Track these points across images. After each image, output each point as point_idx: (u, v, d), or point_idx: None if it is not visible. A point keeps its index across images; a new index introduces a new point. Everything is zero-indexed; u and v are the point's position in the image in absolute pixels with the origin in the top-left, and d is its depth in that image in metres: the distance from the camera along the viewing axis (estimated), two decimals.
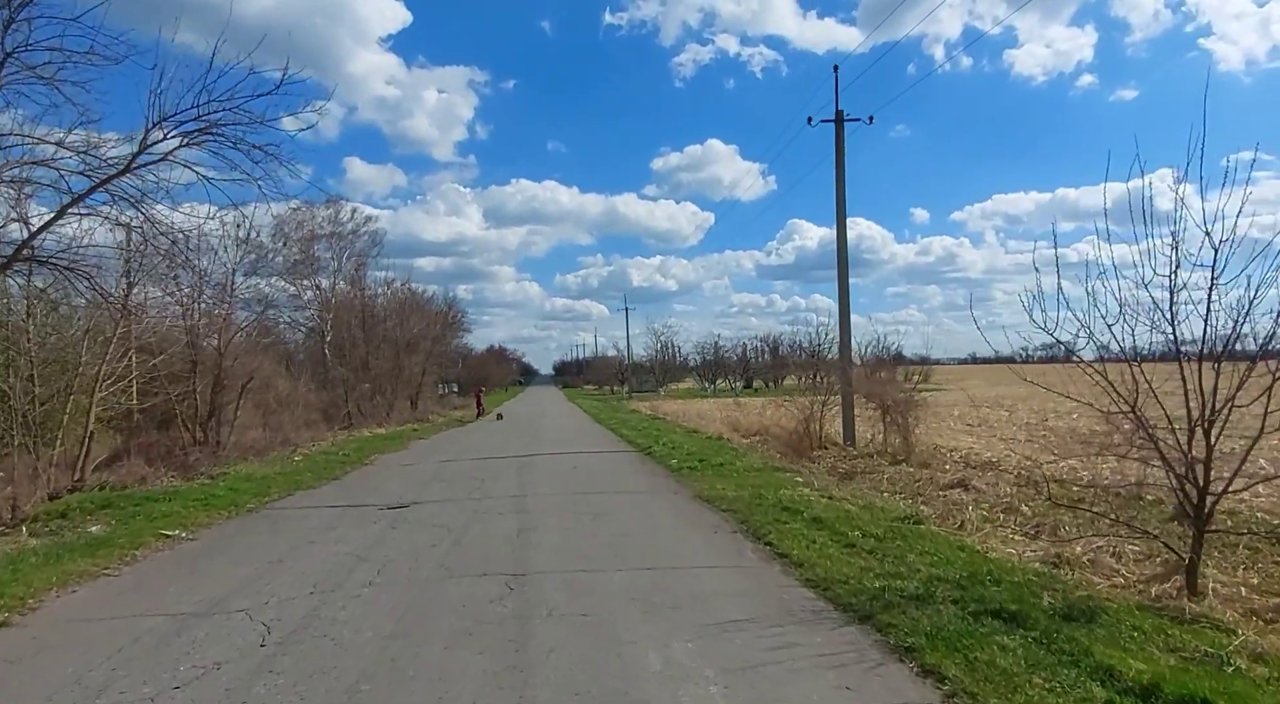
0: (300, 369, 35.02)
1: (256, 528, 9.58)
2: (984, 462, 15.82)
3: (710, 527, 8.97)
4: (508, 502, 11.07)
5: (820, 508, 9.52)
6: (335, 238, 38.38)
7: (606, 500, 10.96)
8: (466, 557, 7.62)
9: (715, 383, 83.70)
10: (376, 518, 10.07)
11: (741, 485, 11.73)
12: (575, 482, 13.09)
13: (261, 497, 12.03)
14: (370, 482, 14.07)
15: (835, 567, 6.70)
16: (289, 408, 27.48)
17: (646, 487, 12.42)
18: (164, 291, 16.44)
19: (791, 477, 13.14)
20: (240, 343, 21.85)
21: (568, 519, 9.51)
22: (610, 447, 20.47)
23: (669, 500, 10.99)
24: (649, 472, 14.51)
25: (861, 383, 18.39)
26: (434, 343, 44.83)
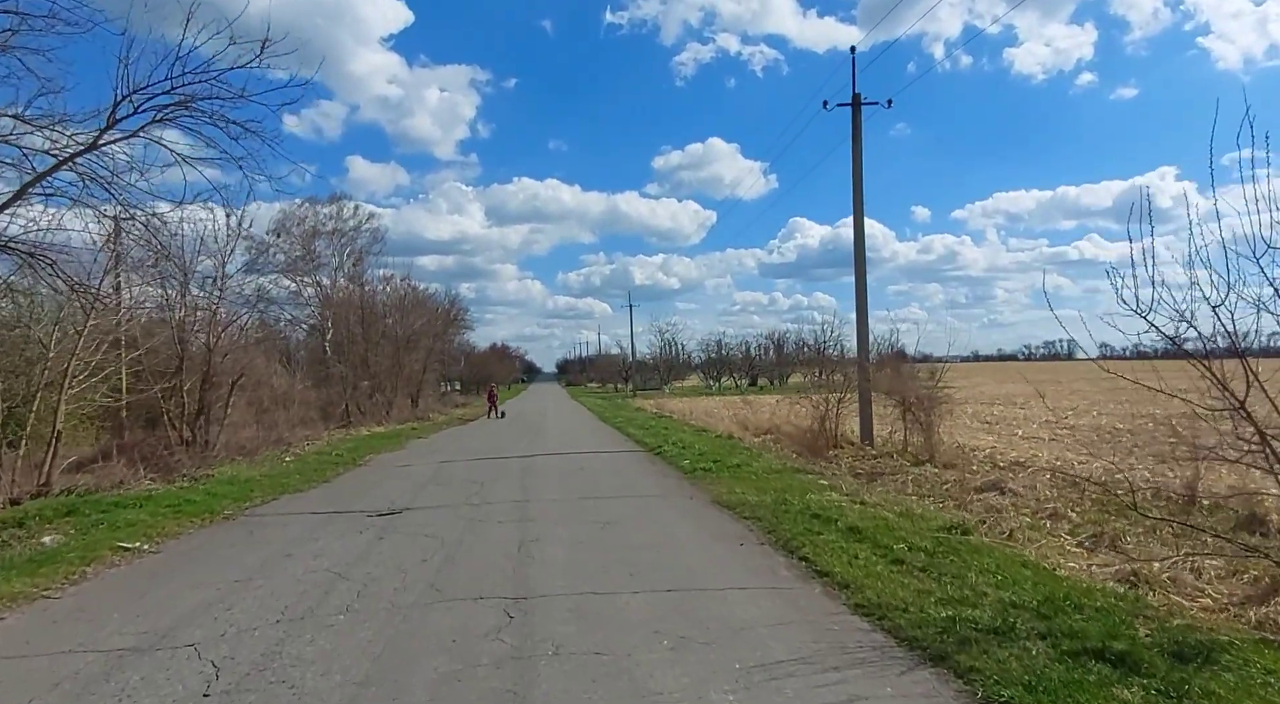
0: (299, 366, 34.17)
1: (229, 539, 8.64)
2: (1012, 462, 14.89)
3: (734, 537, 8.00)
4: (509, 508, 10.12)
5: (854, 515, 8.56)
6: (337, 234, 37.58)
7: (617, 506, 10.01)
8: (460, 575, 6.67)
9: (720, 381, 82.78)
10: (364, 527, 9.13)
11: (762, 489, 10.78)
12: (582, 485, 12.14)
13: (242, 502, 11.10)
14: (362, 485, 13.13)
15: (887, 588, 5.74)
16: (284, 406, 26.58)
17: (659, 490, 11.46)
18: (143, 279, 15.44)
19: (814, 479, 12.19)
20: (233, 338, 20.93)
21: (575, 528, 8.55)
22: (617, 446, 19.52)
23: (685, 506, 10.04)
24: (660, 473, 13.55)
25: (881, 379, 17.41)
26: (435, 340, 43.92)
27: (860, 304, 19.15)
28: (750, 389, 74.96)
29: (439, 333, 45.23)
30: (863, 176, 19.32)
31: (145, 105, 10.77)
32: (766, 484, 11.30)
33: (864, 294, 19.29)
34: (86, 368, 12.90)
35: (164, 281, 18.50)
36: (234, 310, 21.12)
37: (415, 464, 16.26)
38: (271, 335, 30.84)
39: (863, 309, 19.18)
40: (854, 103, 18.85)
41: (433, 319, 43.69)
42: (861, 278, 19.29)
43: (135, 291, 17.01)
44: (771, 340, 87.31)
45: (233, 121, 11.03)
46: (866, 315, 19.18)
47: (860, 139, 19.16)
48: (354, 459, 17.27)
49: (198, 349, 19.59)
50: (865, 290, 19.35)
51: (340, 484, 13.40)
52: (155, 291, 18.61)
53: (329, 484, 13.36)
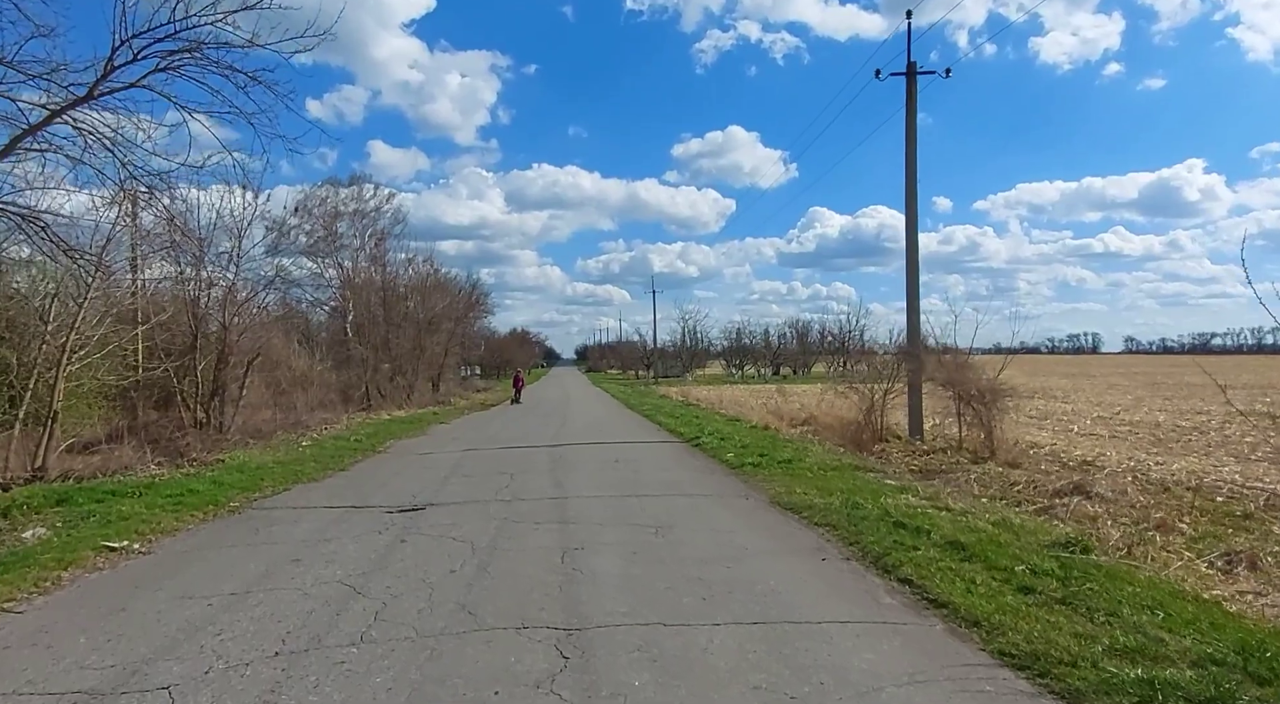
0: (319, 348, 33.37)
1: (230, 537, 7.62)
2: (1081, 461, 13.65)
3: (811, 550, 6.85)
4: (544, 506, 9.03)
5: (946, 525, 7.37)
6: (358, 215, 36.65)
7: (665, 507, 8.88)
8: (497, 593, 5.58)
9: (742, 369, 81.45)
10: (383, 525, 8.09)
11: (825, 489, 9.62)
12: (621, 480, 11.03)
13: (250, 492, 10.11)
14: (382, 474, 12.12)
15: (1034, 630, 4.56)
16: (303, 387, 25.74)
17: (708, 488, 10.32)
18: (152, 248, 14.47)
19: (877, 478, 11.01)
20: (250, 316, 20.02)
21: (623, 533, 7.43)
22: (651, 436, 18.41)
23: (742, 508, 8.89)
24: (704, 468, 12.42)
25: (937, 369, 16.12)
26: (456, 323, 42.97)
27: (911, 289, 17.85)
28: (774, 378, 73.62)
29: (460, 316, 44.28)
30: (916, 154, 17.99)
31: (146, 51, 9.71)
32: (828, 483, 10.14)
33: (915, 278, 17.99)
34: (87, 343, 11.96)
35: (177, 253, 17.62)
36: (252, 288, 20.17)
37: (438, 452, 15.24)
38: (291, 314, 30.02)
39: (914, 294, 17.88)
40: (909, 72, 17.49)
41: (454, 302, 42.75)
42: (914, 260, 17.99)
43: (144, 262, 16.07)
44: (794, 329, 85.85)
45: (242, 71, 9.98)
46: (918, 301, 17.88)
47: (915, 111, 17.82)
48: (373, 445, 16.30)
49: (213, 326, 18.74)
50: (917, 274, 18.05)
51: (358, 473, 12.40)
52: (169, 267, 17.73)
53: (346, 473, 12.36)
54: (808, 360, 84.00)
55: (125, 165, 10.22)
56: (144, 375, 16.35)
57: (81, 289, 11.73)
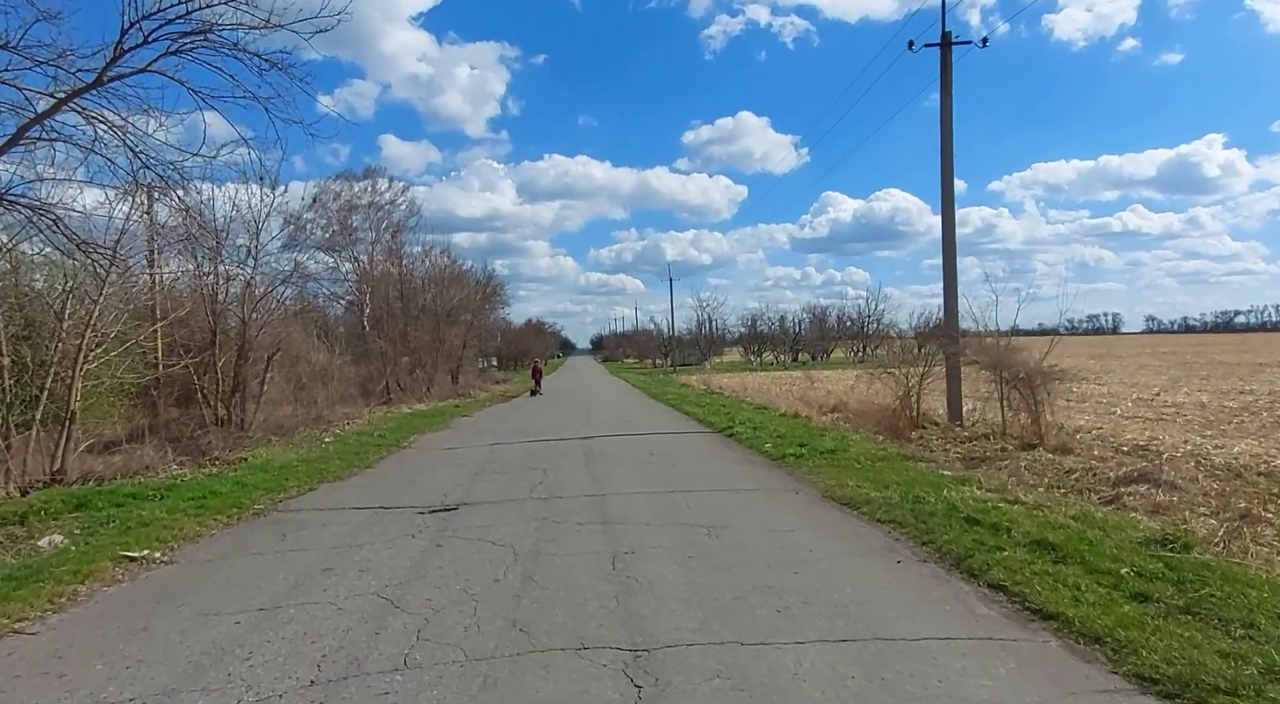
0: (337, 341, 33.11)
1: (256, 543, 7.17)
2: (1135, 446, 12.95)
3: (882, 551, 6.29)
4: (584, 504, 8.53)
5: (1024, 521, 6.78)
6: (372, 208, 36.27)
7: (713, 503, 8.35)
8: (549, 606, 5.07)
9: (761, 356, 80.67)
10: (416, 527, 7.62)
11: (878, 482, 9.05)
12: (660, 474, 10.51)
13: (275, 493, 9.69)
14: (409, 471, 11.68)
15: (1168, 647, 3.99)
16: (323, 382, 25.46)
17: (753, 482, 9.78)
18: (167, 240, 14.06)
19: (930, 468, 10.42)
20: (269, 310, 19.66)
21: (674, 535, 6.91)
22: (681, 426, 17.88)
23: (795, 504, 8.34)
24: (743, 460, 11.88)
25: (979, 352, 15.46)
26: (474, 314, 42.59)
27: (948, 269, 17.17)
28: (793, 365, 72.85)
29: (478, 307, 43.90)
30: (952, 130, 17.28)
31: (156, 34, 9.20)
32: (879, 475, 9.56)
33: (953, 258, 17.31)
34: (105, 340, 11.58)
35: (194, 247, 17.24)
36: (271, 282, 19.80)
37: (464, 447, 14.80)
38: (309, 309, 29.75)
39: (951, 274, 17.20)
40: (943, 42, 16.73)
41: (472, 293, 42.34)
42: (950, 240, 17.31)
43: (160, 257, 15.69)
44: (813, 314, 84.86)
45: (257, 54, 9.48)
46: (955, 282, 17.18)
47: (950, 83, 17.07)
48: (398, 441, 15.89)
49: (232, 322, 18.40)
50: (954, 254, 17.36)
51: (385, 470, 11.97)
52: (186, 263, 17.36)
53: (372, 471, 11.93)
54: (827, 346, 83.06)
55: (138, 155, 9.77)
56: (163, 372, 16.03)
57: (97, 285, 11.33)
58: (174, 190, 11.04)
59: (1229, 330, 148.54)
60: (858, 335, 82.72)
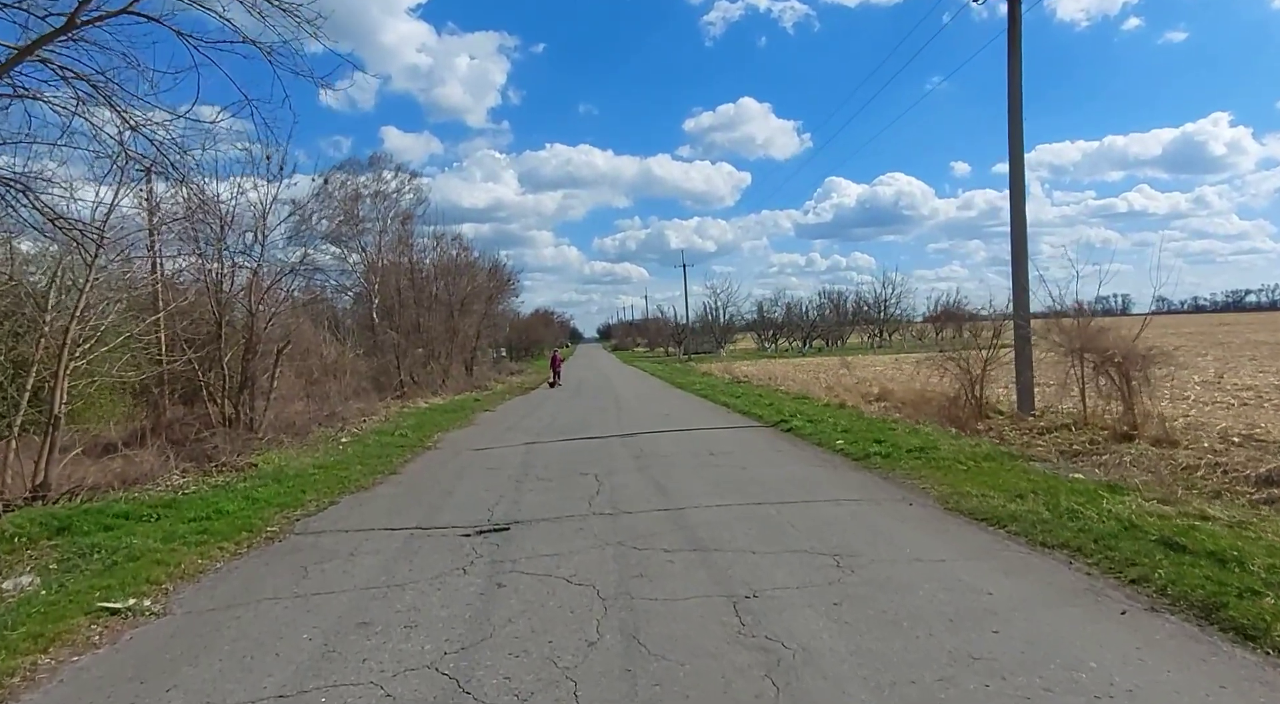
0: (348, 334, 31.78)
1: (270, 584, 5.77)
2: (1244, 436, 11.49)
3: (1082, 592, 4.83)
4: (659, 522, 7.11)
5: (1248, 547, 5.33)
6: (379, 198, 34.79)
7: (818, 519, 6.91)
8: (677, 691, 3.66)
9: (776, 342, 79.09)
10: (465, 556, 6.23)
11: (1001, 487, 7.63)
12: (732, 480, 9.08)
13: (291, 508, 8.31)
14: (442, 478, 10.29)
15: None
16: (335, 376, 24.12)
17: (848, 488, 8.33)
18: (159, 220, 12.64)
19: (1049, 468, 9.01)
20: (277, 301, 18.29)
21: (796, 569, 5.48)
22: (725, 420, 16.44)
23: (919, 520, 6.89)
24: (820, 461, 10.43)
25: (1058, 333, 13.98)
26: (488, 303, 41.15)
27: (1018, 243, 15.68)
28: (808, 351, 71.32)
29: (492, 296, 42.44)
30: (1021, 93, 15.82)
31: None
32: (998, 479, 8.12)
33: (1022, 230, 15.83)
34: (95, 333, 10.20)
35: (195, 232, 15.86)
36: (278, 272, 18.37)
37: (496, 446, 13.40)
38: (318, 299, 28.42)
39: (1021, 243, 15.70)
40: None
41: (485, 281, 40.88)
42: (1020, 209, 15.83)
43: (159, 241, 14.29)
44: (829, 299, 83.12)
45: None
46: (1026, 257, 15.66)
47: (1019, 37, 15.58)
48: (421, 440, 14.52)
49: (239, 314, 17.08)
50: (1024, 226, 15.88)
51: (413, 477, 10.58)
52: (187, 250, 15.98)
53: (399, 478, 10.55)
54: (842, 332, 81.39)
55: (124, 118, 8.38)
56: (165, 368, 14.68)
57: (85, 271, 9.94)
58: (167, 157, 9.63)
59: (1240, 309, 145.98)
60: (874, 320, 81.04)
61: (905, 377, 25.58)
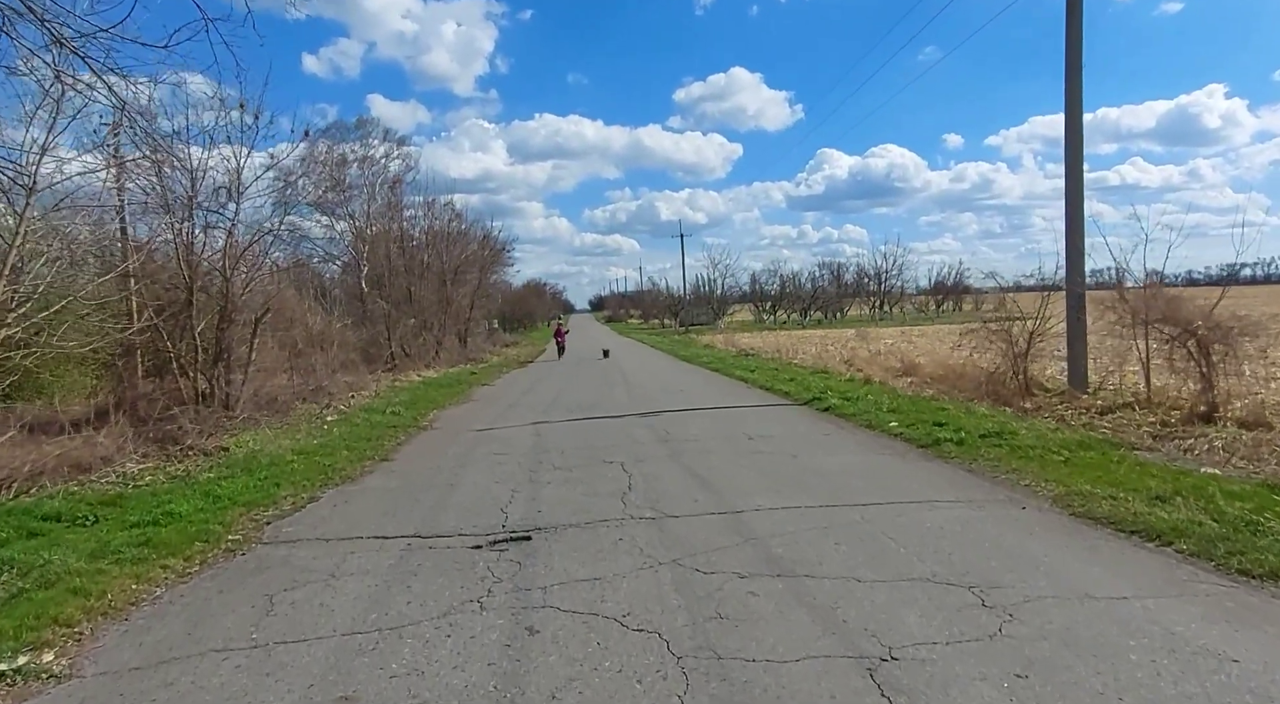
0: (336, 304, 30.13)
1: (223, 624, 4.34)
2: None
3: None
4: (717, 531, 5.70)
5: None
6: (367, 163, 32.88)
7: (921, 530, 5.52)
8: None
9: (775, 314, 77.74)
10: (479, 581, 4.82)
11: (1116, 482, 6.30)
12: (789, 473, 7.67)
13: (262, 507, 6.87)
14: (442, 467, 8.84)
15: None
16: (322, 347, 22.54)
17: (933, 486, 6.93)
18: (103, 164, 10.97)
19: (1161, 458, 7.67)
20: (255, 263, 16.69)
21: (930, 610, 4.10)
22: (748, 397, 15.03)
23: (1049, 530, 5.49)
24: (880, 446, 9.04)
25: (1121, 304, 12.60)
26: (482, 271, 39.43)
27: (1073, 205, 14.21)
28: (809, 323, 70.04)
29: (486, 264, 40.67)
30: (1082, 44, 14.34)
31: None
32: (1110, 474, 6.77)
33: (1079, 190, 14.35)
34: (30, 296, 8.64)
35: (163, 184, 14.22)
36: (256, 234, 16.70)
37: (501, 426, 11.96)
38: (302, 264, 26.76)
39: (1077, 209, 14.23)
40: None
41: (479, 249, 39.09)
42: (1077, 166, 14.33)
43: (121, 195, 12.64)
44: (830, 270, 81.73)
45: None
46: (1082, 221, 14.18)
47: None
48: (415, 419, 13.06)
49: (215, 279, 15.49)
50: (1081, 187, 14.39)
51: (408, 464, 9.15)
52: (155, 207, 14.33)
53: (391, 465, 9.10)
54: (841, 304, 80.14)
55: (53, 33, 6.76)
56: (126, 337, 13.14)
57: (15, 221, 8.35)
58: (104, 80, 7.98)
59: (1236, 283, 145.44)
60: (874, 292, 79.86)
61: (923, 349, 24.31)
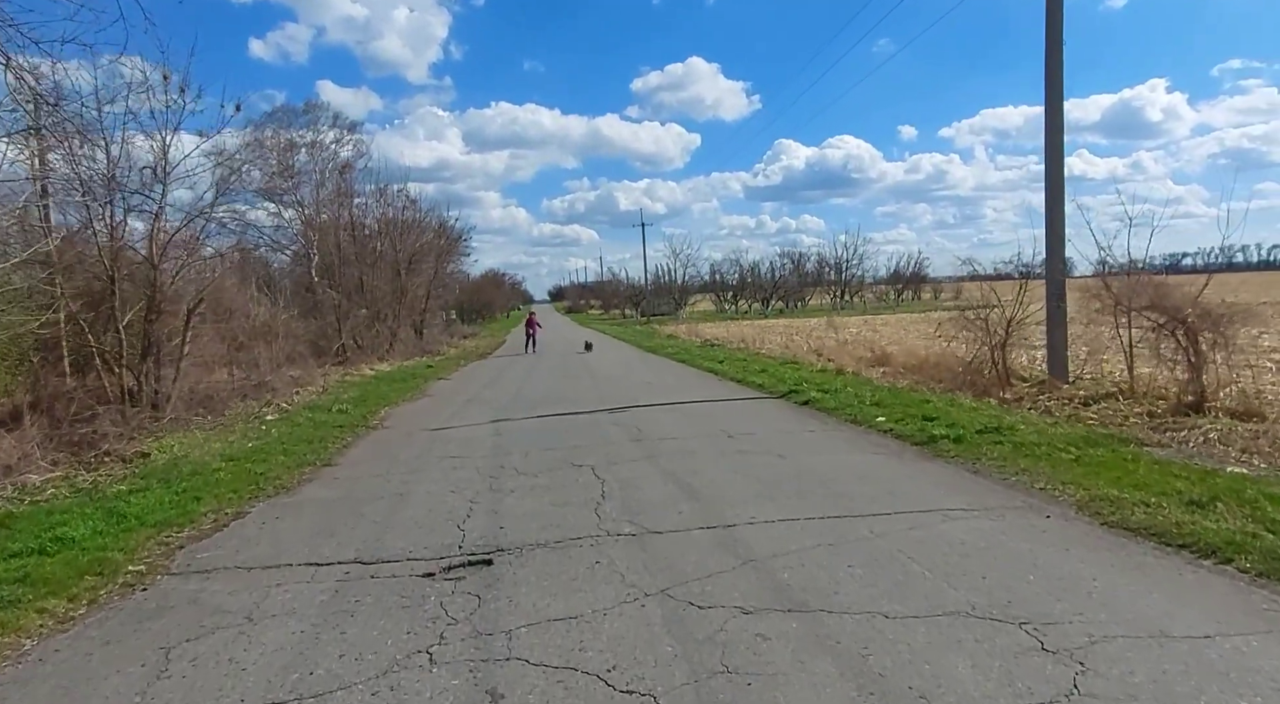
0: (283, 294, 28.58)
1: (99, 693, 3.42)
2: None
3: None
4: (714, 555, 4.92)
5: None
6: (316, 148, 31.19)
7: (944, 549, 4.82)
8: None
9: (737, 304, 77.47)
10: (426, 622, 3.97)
11: (1140, 484, 5.72)
12: (777, 477, 6.94)
13: (176, 527, 5.88)
14: (391, 473, 7.90)
15: None
16: (266, 340, 21.23)
17: (946, 491, 6.25)
18: None
19: (1172, 455, 7.12)
20: (188, 247, 15.43)
21: (985, 664, 3.39)
22: (721, 391, 14.30)
23: (1091, 547, 4.82)
24: (872, 445, 8.37)
25: (1128, 292, 12.17)
26: (438, 260, 38.04)
27: (1053, 190, 13.76)
28: (770, 312, 69.88)
29: (441, 254, 39.24)
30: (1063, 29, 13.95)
31: None
32: (1129, 474, 6.19)
33: (1060, 174, 13.91)
34: None
35: (76, 163, 12.92)
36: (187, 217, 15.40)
37: (458, 425, 11.02)
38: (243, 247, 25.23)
39: (1057, 194, 13.79)
40: None
41: (435, 237, 37.66)
42: (1057, 148, 13.93)
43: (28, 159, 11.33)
44: (791, 259, 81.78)
45: None
46: (1063, 209, 13.73)
47: None
48: (365, 418, 12.03)
49: (139, 267, 14.24)
50: (1062, 169, 13.95)
51: (353, 470, 8.18)
52: (71, 188, 13.01)
53: (334, 472, 8.13)
54: (803, 293, 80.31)
55: None
56: (36, 330, 11.88)
57: None
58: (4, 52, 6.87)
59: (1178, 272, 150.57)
60: (835, 282, 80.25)
61: (890, 338, 23.93)
